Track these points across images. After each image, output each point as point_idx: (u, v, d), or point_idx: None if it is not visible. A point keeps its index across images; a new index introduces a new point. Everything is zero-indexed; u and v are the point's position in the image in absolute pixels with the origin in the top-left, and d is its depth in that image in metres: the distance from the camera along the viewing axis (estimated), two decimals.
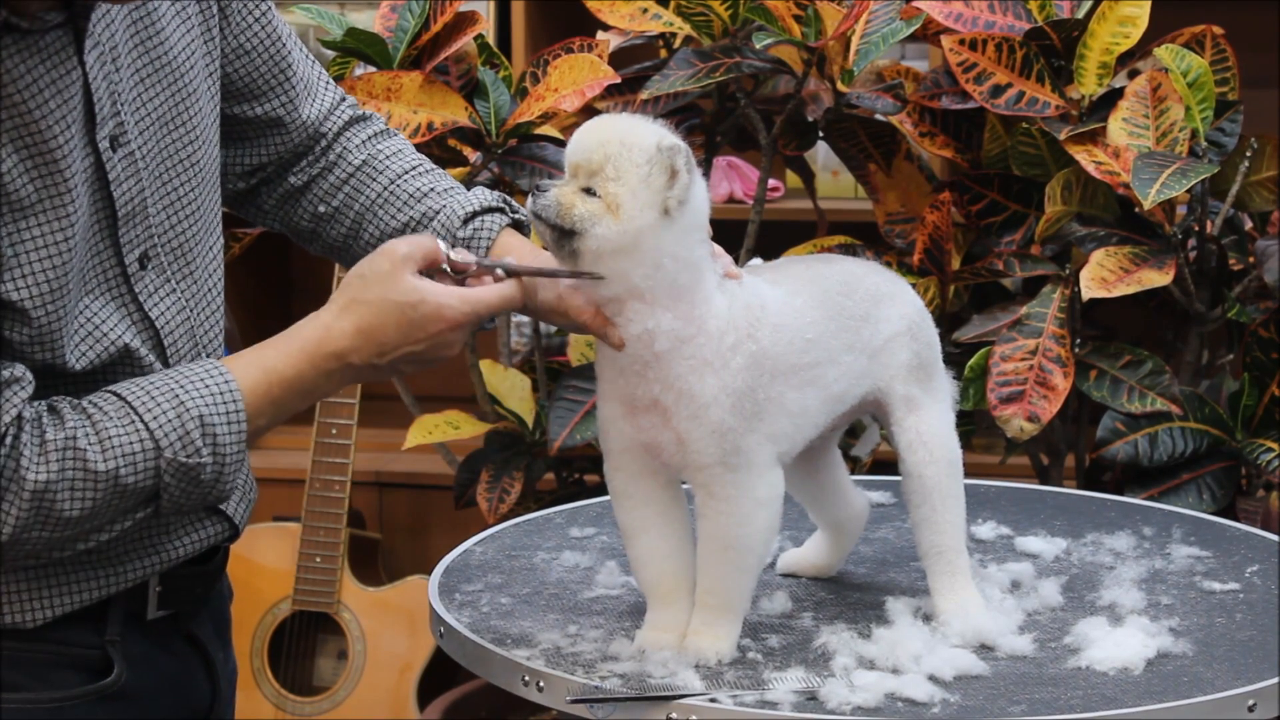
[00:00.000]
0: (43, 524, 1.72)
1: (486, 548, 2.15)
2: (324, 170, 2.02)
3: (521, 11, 4.02)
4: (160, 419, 1.75)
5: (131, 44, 1.81)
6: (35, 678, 1.82)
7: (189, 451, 1.76)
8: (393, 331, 1.80)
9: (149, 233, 1.82)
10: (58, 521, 1.72)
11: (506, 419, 3.34)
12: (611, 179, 1.75)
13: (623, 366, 1.80)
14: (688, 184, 1.77)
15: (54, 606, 1.81)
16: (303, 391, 1.81)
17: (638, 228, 1.75)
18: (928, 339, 1.96)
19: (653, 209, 1.76)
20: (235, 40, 1.94)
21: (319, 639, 3.92)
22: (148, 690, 1.89)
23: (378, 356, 1.81)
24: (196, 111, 1.86)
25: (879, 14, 3.07)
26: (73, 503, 1.72)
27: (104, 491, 1.73)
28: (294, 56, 1.99)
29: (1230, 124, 2.99)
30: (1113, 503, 2.36)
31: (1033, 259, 3.05)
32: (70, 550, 1.77)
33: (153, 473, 1.75)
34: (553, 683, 1.77)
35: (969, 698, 1.75)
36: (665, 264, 1.77)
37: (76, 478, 1.72)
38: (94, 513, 1.74)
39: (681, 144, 1.77)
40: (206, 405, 1.76)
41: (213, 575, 1.97)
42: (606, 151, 1.76)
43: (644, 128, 1.78)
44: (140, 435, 1.74)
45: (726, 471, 1.80)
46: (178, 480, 1.76)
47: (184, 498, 1.78)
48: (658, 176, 1.76)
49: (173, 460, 1.75)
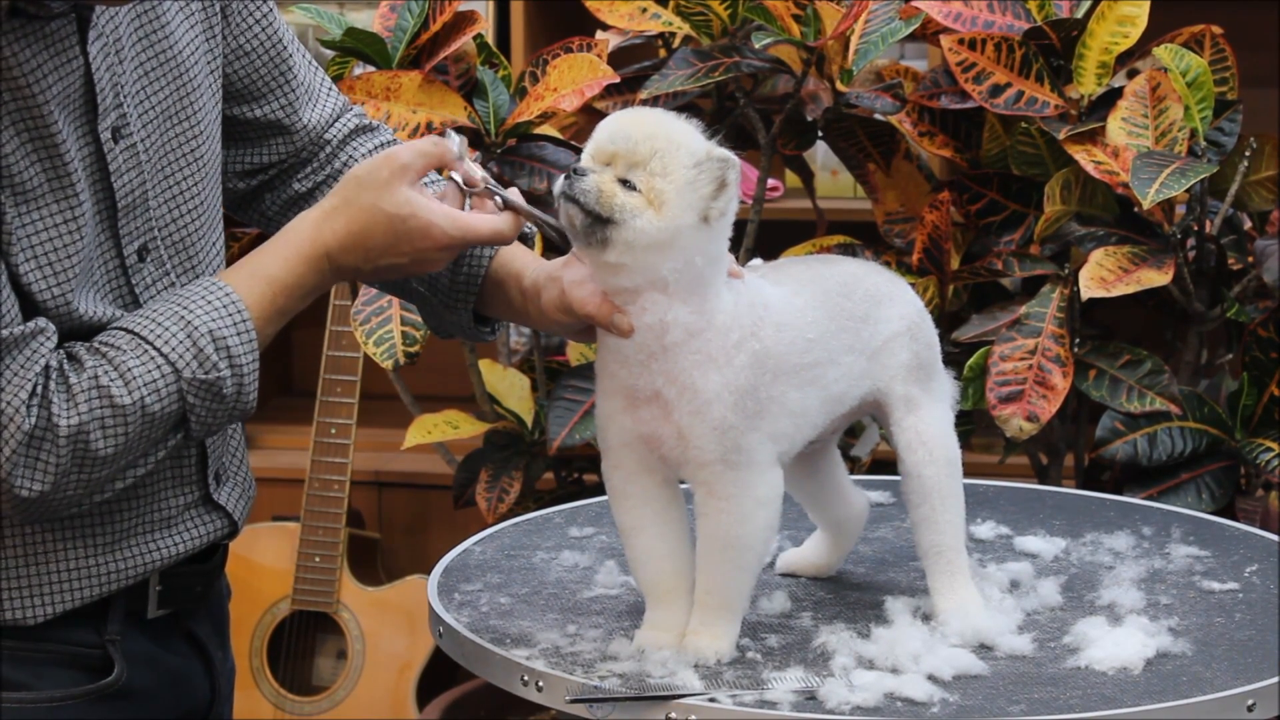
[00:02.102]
0: (80, 467, 1.74)
1: (486, 547, 2.15)
2: (329, 177, 2.02)
3: (521, 11, 4.02)
4: (172, 343, 1.77)
5: (135, 37, 1.81)
6: (36, 676, 1.82)
7: (206, 368, 1.78)
8: (379, 238, 1.81)
9: (149, 225, 1.83)
10: (94, 461, 1.74)
11: (506, 419, 3.34)
12: (658, 174, 1.74)
13: (626, 357, 1.80)
14: (733, 198, 1.77)
15: (55, 603, 1.81)
16: (302, 294, 1.83)
17: (677, 226, 1.75)
18: (927, 339, 1.96)
19: (694, 212, 1.75)
20: (235, 40, 1.94)
21: (318, 639, 3.92)
22: (147, 689, 1.89)
23: (363, 261, 1.82)
24: (200, 107, 1.87)
25: (878, 14, 3.07)
26: (106, 440, 1.74)
27: (134, 424, 1.75)
28: (295, 60, 1.99)
29: (1229, 123, 2.99)
30: (1112, 502, 2.36)
31: (1032, 259, 3.05)
32: (109, 491, 1.79)
33: (176, 396, 1.77)
34: (552, 682, 1.77)
35: (968, 697, 1.75)
36: (696, 261, 1.77)
37: (106, 415, 1.74)
38: (127, 447, 1.76)
39: (733, 157, 1.77)
40: (214, 321, 1.78)
41: (212, 574, 1.97)
42: (655, 145, 1.75)
43: (691, 129, 1.78)
44: (158, 362, 1.76)
45: (727, 470, 1.80)
46: (201, 399, 1.79)
47: (210, 416, 1.80)
48: (705, 184, 1.75)
49: (192, 379, 1.77)
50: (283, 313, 1.83)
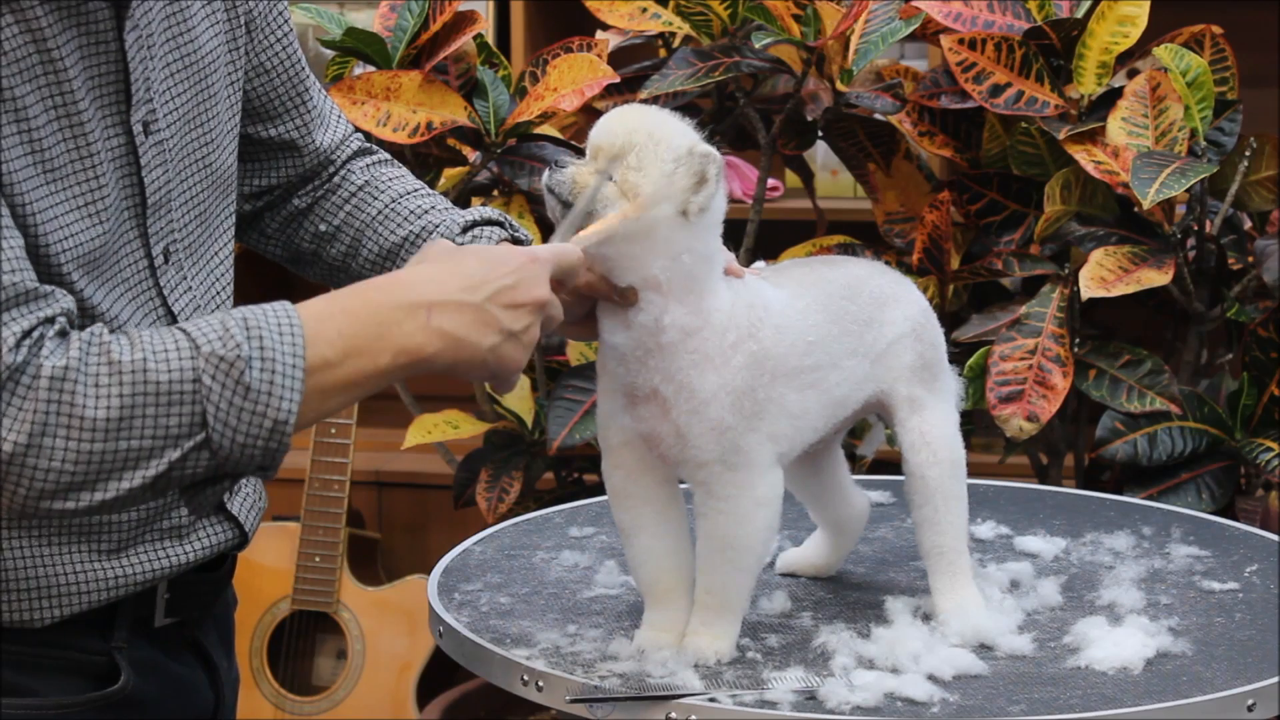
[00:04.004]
0: (65, 425, 1.56)
1: (486, 547, 2.15)
2: (327, 192, 2.02)
3: (521, 11, 4.02)
4: (197, 323, 1.62)
5: (165, 36, 1.81)
6: (41, 682, 1.81)
7: (229, 345, 1.59)
8: (474, 264, 1.70)
9: (170, 227, 1.82)
10: (81, 423, 1.56)
11: (506, 418, 3.34)
12: (633, 168, 1.76)
13: (624, 354, 1.80)
14: (713, 193, 1.77)
15: (62, 606, 1.80)
16: (377, 322, 1.64)
17: (653, 219, 1.76)
18: (932, 339, 1.96)
19: (671, 205, 1.76)
20: (257, 58, 1.94)
21: (318, 638, 3.92)
22: (152, 697, 1.88)
23: (466, 292, 1.67)
24: (215, 114, 1.86)
25: (878, 13, 3.07)
26: (98, 400, 1.56)
27: (130, 385, 1.57)
28: (311, 82, 2.00)
29: (1229, 123, 2.99)
30: (1112, 502, 2.36)
31: (1032, 258, 3.05)
32: (114, 491, 1.59)
33: (190, 372, 1.58)
34: (552, 682, 1.77)
35: (968, 697, 1.75)
36: (684, 259, 1.77)
37: (100, 369, 1.57)
38: (123, 416, 1.57)
39: (716, 153, 1.77)
40: (252, 311, 1.63)
41: (221, 583, 1.96)
42: (633, 140, 1.77)
43: (677, 125, 1.79)
44: (174, 335, 1.61)
45: (725, 470, 1.80)
46: (220, 382, 1.59)
47: (234, 416, 1.60)
48: (684, 178, 1.76)
49: (211, 355, 1.59)
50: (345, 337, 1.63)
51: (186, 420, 1.60)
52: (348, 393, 1.65)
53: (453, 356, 1.67)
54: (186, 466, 1.61)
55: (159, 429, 1.59)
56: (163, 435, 1.59)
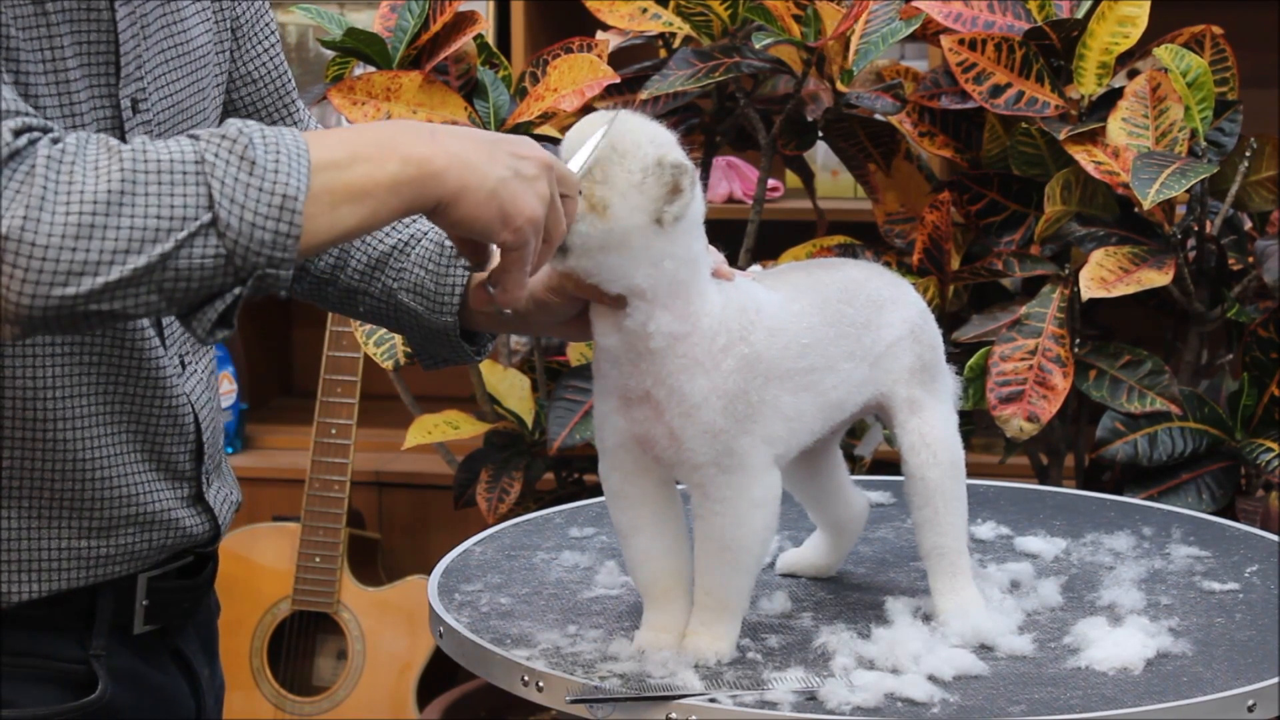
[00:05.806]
0: (64, 199, 1.52)
1: (486, 548, 2.15)
2: None
3: (521, 11, 4.02)
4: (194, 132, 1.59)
5: (160, 24, 1.80)
6: (18, 693, 1.79)
7: (230, 132, 1.57)
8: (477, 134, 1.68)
9: None
10: (81, 196, 1.52)
11: (506, 419, 3.34)
12: (599, 181, 1.74)
13: (617, 357, 1.80)
14: (689, 202, 1.76)
15: (43, 581, 1.76)
16: (382, 134, 1.62)
17: (625, 228, 1.74)
18: (930, 340, 1.96)
19: (644, 213, 1.74)
20: (244, 66, 1.94)
21: (318, 639, 3.92)
22: (131, 706, 1.86)
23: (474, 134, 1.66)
24: (204, 111, 1.86)
25: (878, 14, 3.07)
26: (96, 177, 1.53)
27: (130, 163, 1.54)
28: (296, 94, 1.99)
29: (1230, 124, 2.99)
30: (1112, 503, 2.36)
31: (1032, 259, 3.05)
32: (117, 273, 1.53)
33: (192, 153, 1.55)
34: (552, 683, 1.77)
35: (968, 698, 1.75)
36: (666, 265, 1.76)
37: (100, 154, 1.54)
38: (124, 190, 1.53)
39: (688, 163, 1.75)
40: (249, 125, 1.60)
41: (201, 590, 1.95)
42: (598, 154, 1.74)
43: (646, 134, 1.75)
44: (175, 138, 1.59)
45: (720, 473, 1.80)
46: (225, 160, 1.55)
47: (241, 190, 1.55)
48: (654, 187, 1.74)
49: (213, 136, 1.57)
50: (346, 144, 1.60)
51: (192, 200, 1.55)
52: (356, 203, 1.61)
53: (460, 177, 1.63)
54: (194, 252, 1.55)
55: (163, 206, 1.54)
56: (167, 214, 1.54)
